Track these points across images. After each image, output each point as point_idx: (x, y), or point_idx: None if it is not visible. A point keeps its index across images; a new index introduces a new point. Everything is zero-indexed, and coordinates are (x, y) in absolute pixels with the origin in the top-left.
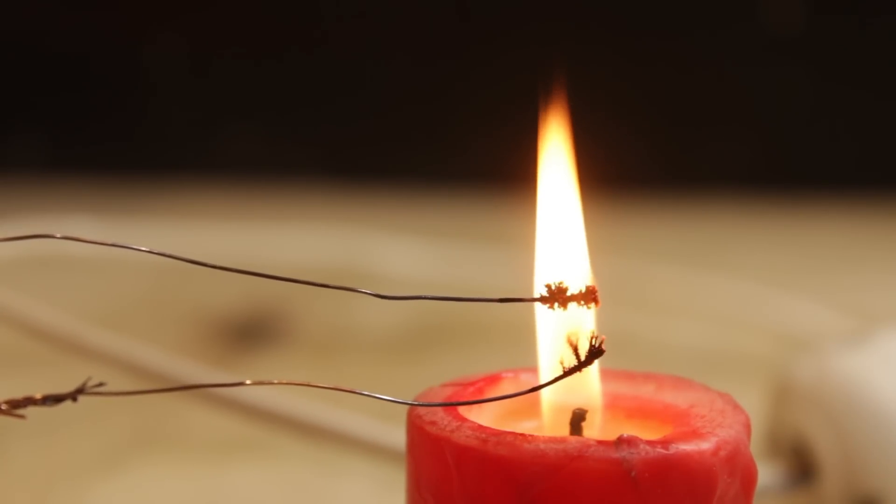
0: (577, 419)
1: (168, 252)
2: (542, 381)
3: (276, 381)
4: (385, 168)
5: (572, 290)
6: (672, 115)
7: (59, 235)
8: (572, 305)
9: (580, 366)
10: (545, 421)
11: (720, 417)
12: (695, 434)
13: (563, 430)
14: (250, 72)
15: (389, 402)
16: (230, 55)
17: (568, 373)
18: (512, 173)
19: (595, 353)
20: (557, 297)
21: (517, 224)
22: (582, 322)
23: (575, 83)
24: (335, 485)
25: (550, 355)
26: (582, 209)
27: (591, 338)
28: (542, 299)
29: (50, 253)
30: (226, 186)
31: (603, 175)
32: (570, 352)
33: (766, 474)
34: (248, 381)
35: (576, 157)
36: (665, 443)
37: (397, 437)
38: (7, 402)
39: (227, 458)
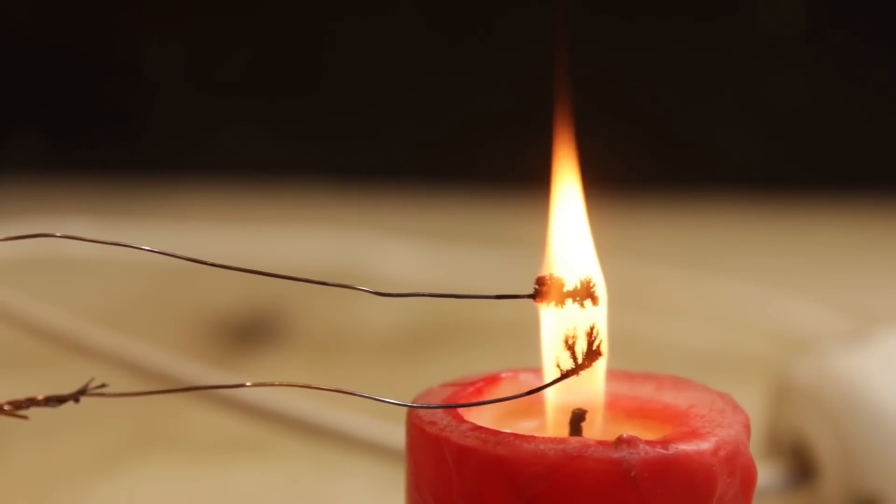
0: (577, 419)
1: (167, 251)
2: (544, 382)
3: (276, 383)
4: (384, 170)
5: (568, 286)
6: (673, 117)
7: (59, 234)
8: (569, 302)
9: (577, 368)
10: (545, 421)
11: (720, 417)
12: (694, 434)
13: (564, 430)
14: (250, 73)
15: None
16: (230, 57)
17: (565, 376)
18: (512, 175)
19: (593, 355)
20: (553, 293)
21: (517, 226)
22: (582, 323)
23: (574, 84)
24: (335, 485)
25: (552, 356)
26: (588, 211)
27: (590, 339)
28: (538, 295)
29: (50, 253)
30: (225, 188)
31: (603, 176)
32: (567, 354)
33: (766, 474)
34: (248, 383)
35: (578, 158)
36: (665, 443)
37: (397, 437)
38: (9, 403)
39: (227, 458)
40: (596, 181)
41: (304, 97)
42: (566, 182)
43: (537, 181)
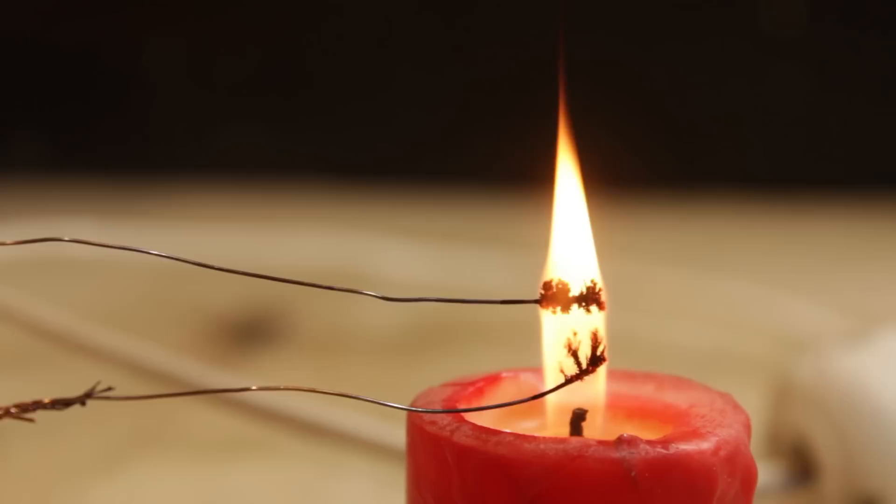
0: (577, 419)
1: (172, 254)
2: (546, 385)
3: (282, 387)
4: (385, 170)
5: (574, 291)
6: (672, 116)
7: (67, 238)
8: (574, 307)
9: (581, 374)
10: (545, 420)
11: (720, 417)
12: (695, 434)
13: (564, 430)
14: (251, 74)
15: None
16: (230, 57)
17: (568, 381)
18: (512, 175)
19: (596, 360)
20: (559, 298)
21: (517, 226)
22: (585, 327)
23: (574, 85)
24: (335, 485)
25: (554, 360)
26: (589, 211)
27: (594, 345)
28: (544, 300)
29: (53, 254)
30: (227, 189)
31: (603, 177)
32: (570, 359)
33: (766, 474)
34: (254, 387)
35: (578, 159)
36: (665, 443)
37: (397, 437)
38: (16, 406)
39: (228, 458)
40: (595, 181)
41: (305, 97)
42: (567, 182)
43: (538, 181)
